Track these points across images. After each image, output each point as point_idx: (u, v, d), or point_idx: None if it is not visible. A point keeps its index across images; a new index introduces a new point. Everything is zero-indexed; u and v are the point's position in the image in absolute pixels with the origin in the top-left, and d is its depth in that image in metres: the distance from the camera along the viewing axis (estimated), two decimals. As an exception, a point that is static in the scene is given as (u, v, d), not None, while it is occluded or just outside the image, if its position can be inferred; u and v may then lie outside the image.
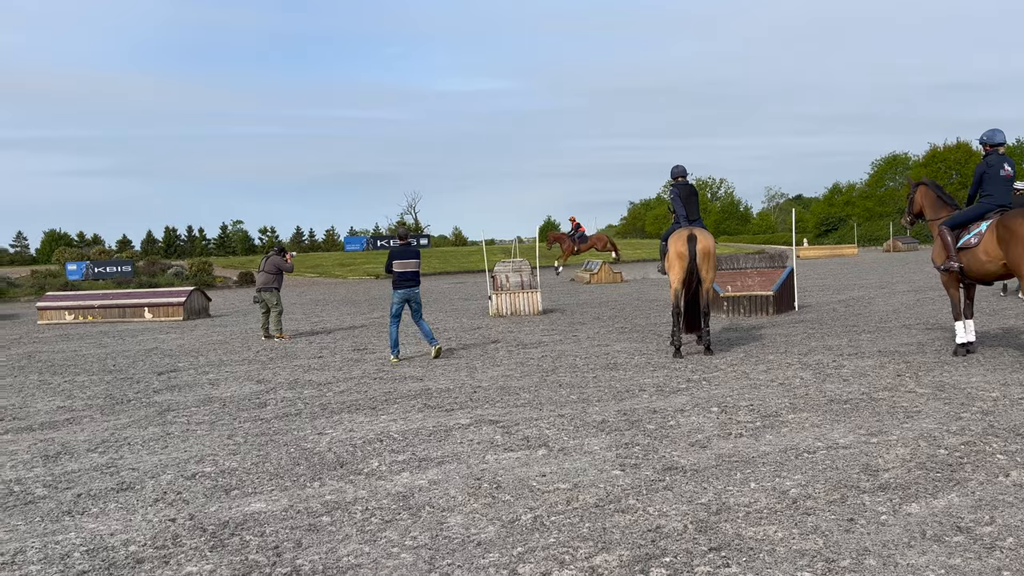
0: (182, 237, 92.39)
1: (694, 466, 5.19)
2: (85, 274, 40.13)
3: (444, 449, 5.94)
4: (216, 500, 4.94)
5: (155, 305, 20.93)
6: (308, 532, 4.28)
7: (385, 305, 22.64)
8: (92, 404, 8.60)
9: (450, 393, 8.25)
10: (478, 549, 3.93)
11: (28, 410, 8.41)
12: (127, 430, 7.16)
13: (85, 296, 22.69)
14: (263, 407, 7.98)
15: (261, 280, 14.57)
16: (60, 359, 13.00)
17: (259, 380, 9.76)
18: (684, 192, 10.53)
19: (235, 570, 3.80)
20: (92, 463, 6.00)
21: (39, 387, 10.04)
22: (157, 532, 4.39)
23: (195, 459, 5.99)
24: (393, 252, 11.11)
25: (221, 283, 40.85)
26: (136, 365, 11.77)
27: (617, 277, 29.69)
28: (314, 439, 6.46)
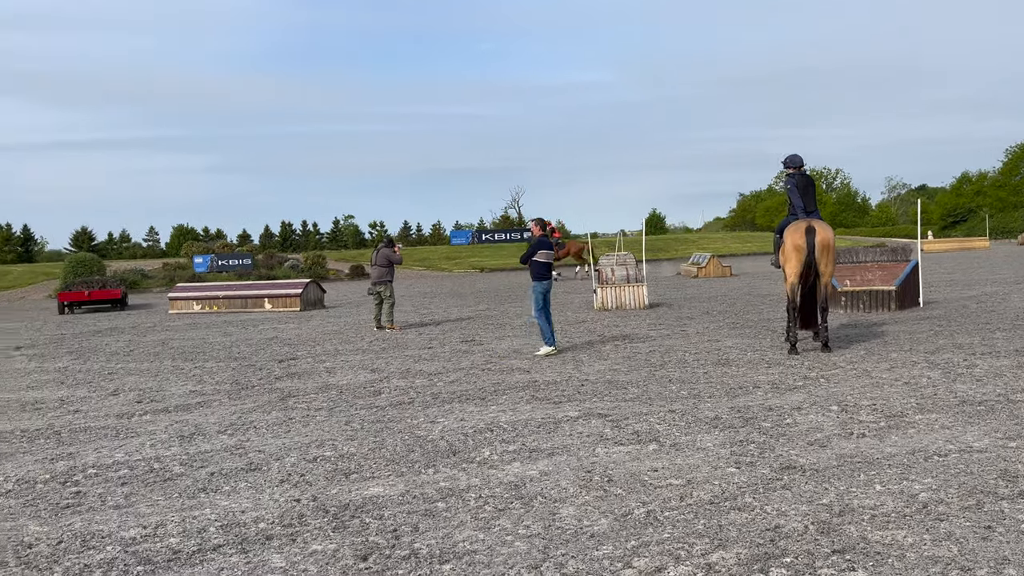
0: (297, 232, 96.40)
1: (814, 466, 5.01)
2: (210, 267, 42.52)
3: (554, 441, 5.96)
4: (337, 483, 5.14)
5: (274, 296, 21.94)
6: (424, 517, 4.40)
7: (490, 298, 22.92)
8: (220, 389, 9.11)
9: (557, 386, 8.28)
10: (591, 541, 3.93)
11: (164, 393, 8.99)
12: (253, 414, 7.55)
13: (211, 288, 24.05)
14: (377, 395, 8.23)
15: (376, 274, 15.04)
16: (190, 346, 13.83)
17: (373, 369, 10.08)
18: (801, 182, 10.15)
19: (357, 551, 3.94)
20: (222, 444, 6.36)
21: (172, 372, 10.72)
22: (284, 511, 4.61)
23: (316, 443, 6.25)
24: (542, 242, 10.94)
25: (334, 275, 42.40)
26: (258, 353, 12.38)
27: (726, 271, 28.96)
28: (427, 427, 6.62)
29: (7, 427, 7.40)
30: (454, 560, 3.77)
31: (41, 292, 39.92)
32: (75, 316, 24.25)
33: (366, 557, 3.85)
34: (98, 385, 9.79)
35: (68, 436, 6.92)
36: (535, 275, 10.89)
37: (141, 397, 8.78)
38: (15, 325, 21.42)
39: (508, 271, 44.88)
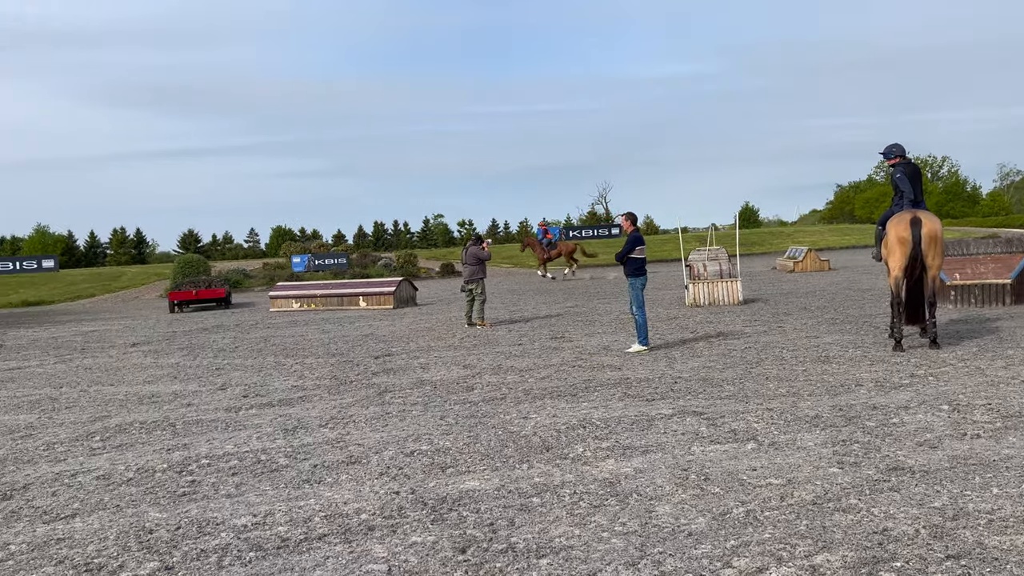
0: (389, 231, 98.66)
1: (923, 467, 4.80)
2: (307, 266, 43.99)
3: (648, 438, 5.92)
4: (434, 476, 5.25)
5: (368, 294, 22.53)
6: (520, 512, 4.44)
7: (579, 295, 22.86)
8: (320, 384, 9.44)
9: (650, 383, 8.20)
10: (689, 539, 3.88)
11: (268, 388, 9.37)
12: (351, 408, 7.79)
13: (308, 286, 24.90)
14: (470, 391, 8.35)
15: (467, 272, 15.24)
16: (290, 343, 14.36)
17: (465, 365, 10.22)
18: (909, 171, 9.71)
19: (455, 543, 4.02)
20: (324, 437, 6.59)
21: (275, 368, 11.16)
22: (384, 503, 4.75)
23: (412, 437, 6.40)
24: (637, 237, 10.88)
25: (424, 273, 43.18)
26: (355, 349, 12.75)
27: (824, 265, 27.97)
28: (520, 423, 6.68)
29: (128, 419, 7.88)
30: (551, 555, 3.80)
31: (153, 292, 42.22)
32: (184, 314, 25.55)
33: (464, 550, 3.93)
34: (207, 380, 10.30)
35: (182, 428, 7.31)
36: (632, 271, 10.80)
37: (247, 392, 9.18)
38: (131, 323, 22.73)
39: (595, 268, 44.65)
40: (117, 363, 12.72)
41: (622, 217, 11.41)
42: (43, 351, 15.35)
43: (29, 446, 6.87)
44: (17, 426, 7.82)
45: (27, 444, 6.96)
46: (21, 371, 12.32)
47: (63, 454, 6.52)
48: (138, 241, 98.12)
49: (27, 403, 9.19)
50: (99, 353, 14.38)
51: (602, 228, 67.50)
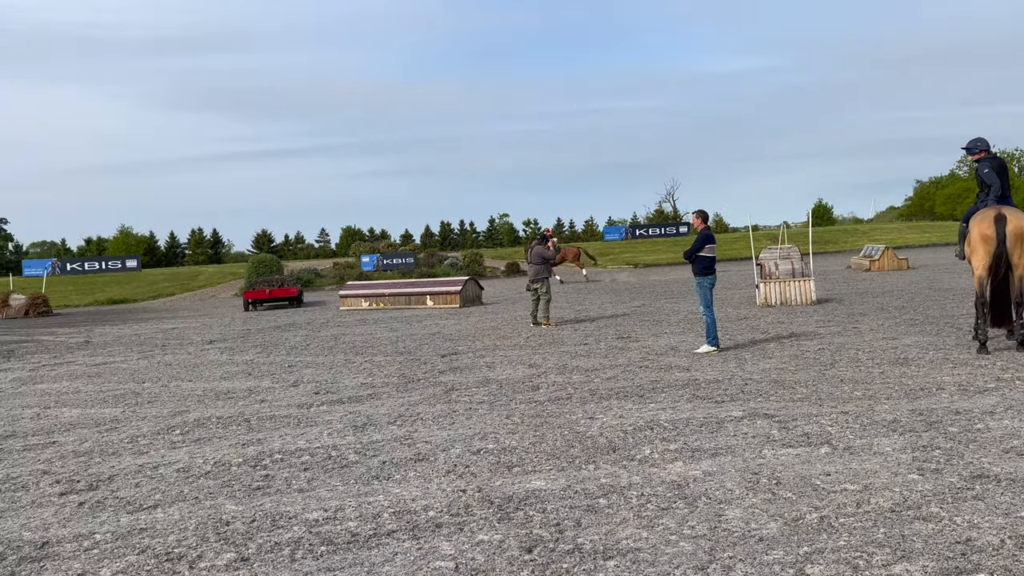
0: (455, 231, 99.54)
1: (1010, 475, 4.59)
2: (376, 265, 44.78)
3: (717, 441, 5.81)
4: (500, 475, 5.27)
5: (435, 293, 22.78)
6: (587, 512, 4.42)
7: (646, 294, 22.64)
8: (388, 382, 9.58)
9: (719, 384, 8.05)
10: (760, 545, 3.80)
11: (338, 385, 9.57)
12: (419, 406, 7.88)
13: (377, 285, 25.33)
14: (536, 390, 8.36)
15: (532, 272, 15.26)
16: (360, 341, 14.63)
17: (530, 364, 10.24)
18: (996, 165, 9.30)
19: (522, 542, 4.03)
20: (392, 435, 6.69)
21: (345, 365, 11.39)
22: (451, 500, 4.79)
23: (479, 436, 6.44)
24: (707, 235, 10.68)
25: (490, 272, 43.41)
26: (422, 348, 12.91)
27: (902, 264, 27.01)
28: (586, 423, 6.65)
29: (205, 414, 8.15)
30: (618, 557, 3.77)
31: (229, 290, 43.59)
32: (258, 312, 26.30)
33: (531, 549, 3.93)
34: (280, 377, 10.57)
35: (256, 423, 7.53)
36: (700, 270, 10.64)
37: (318, 388, 9.39)
38: (208, 321, 23.53)
39: (663, 267, 44.15)
40: (195, 360, 13.18)
41: (693, 214, 11.22)
42: (127, 347, 16.02)
43: (114, 439, 7.18)
44: (103, 419, 8.18)
45: (112, 437, 7.27)
46: (107, 366, 12.89)
47: (146, 447, 6.79)
48: (215, 241, 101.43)
49: (112, 397, 9.60)
50: (178, 350, 14.92)
51: (669, 227, 66.65)
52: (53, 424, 8.06)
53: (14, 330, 23.82)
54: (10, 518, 4.97)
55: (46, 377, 11.93)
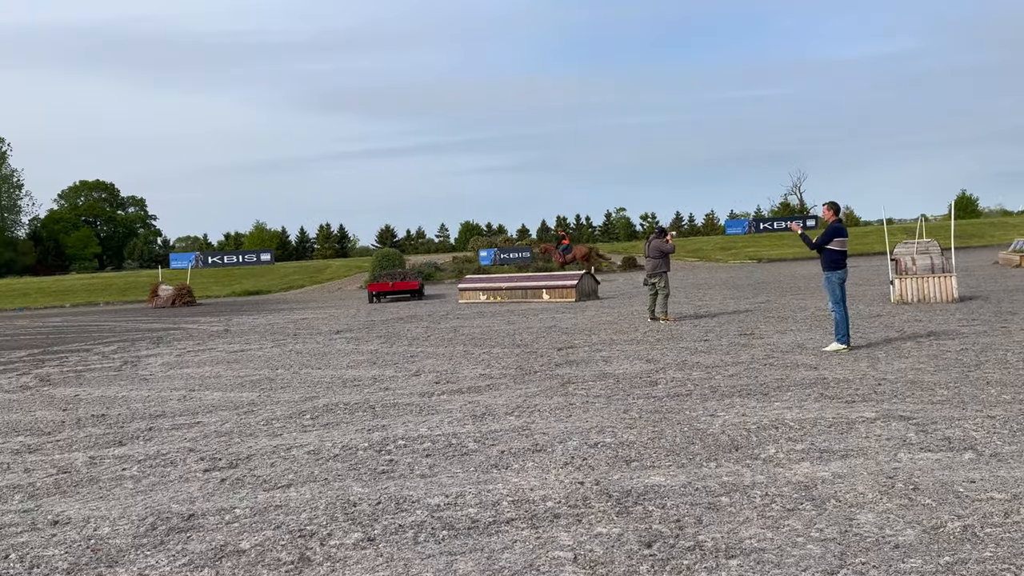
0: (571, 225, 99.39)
1: None
2: (493, 260, 45.36)
3: (847, 442, 5.55)
4: (618, 469, 5.24)
5: (551, 287, 22.85)
6: (708, 510, 4.33)
7: (770, 290, 21.86)
8: (506, 373, 9.70)
9: (849, 384, 7.68)
10: (896, 552, 3.60)
11: (457, 375, 9.77)
12: (536, 398, 7.94)
13: (495, 279, 25.67)
14: (654, 385, 8.25)
15: (650, 266, 15.05)
16: (478, 333, 14.89)
17: (648, 360, 10.10)
18: None
19: (640, 537, 3.99)
20: (510, 425, 6.77)
21: (464, 356, 11.62)
22: (569, 492, 4.80)
23: (596, 429, 6.42)
24: (838, 228, 10.19)
25: (606, 267, 43.10)
26: (539, 341, 12.99)
27: (1057, 259, 24.85)
28: (706, 420, 6.50)
29: (333, 400, 8.52)
30: (741, 556, 3.67)
31: (354, 283, 45.33)
32: (382, 304, 27.22)
33: (650, 544, 3.89)
34: (403, 367, 10.90)
35: (381, 410, 7.80)
36: (829, 264, 10.17)
37: (439, 378, 9.62)
38: (335, 312, 24.56)
39: (789, 261, 42.49)
40: (324, 348, 13.79)
41: (824, 206, 10.69)
42: (261, 336, 16.96)
43: (251, 421, 7.62)
44: (241, 403, 8.69)
45: (249, 419, 7.72)
46: (244, 353, 13.69)
47: (279, 429, 7.17)
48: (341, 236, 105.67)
49: (249, 382, 10.19)
50: (308, 339, 15.66)
51: (796, 219, 64.05)
52: (197, 406, 8.64)
53: (163, 318, 25.70)
54: (160, 491, 5.37)
55: (190, 362, 12.80)
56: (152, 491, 5.37)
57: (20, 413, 8.77)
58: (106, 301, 42.20)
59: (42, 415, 8.57)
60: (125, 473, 5.88)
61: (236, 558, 4.03)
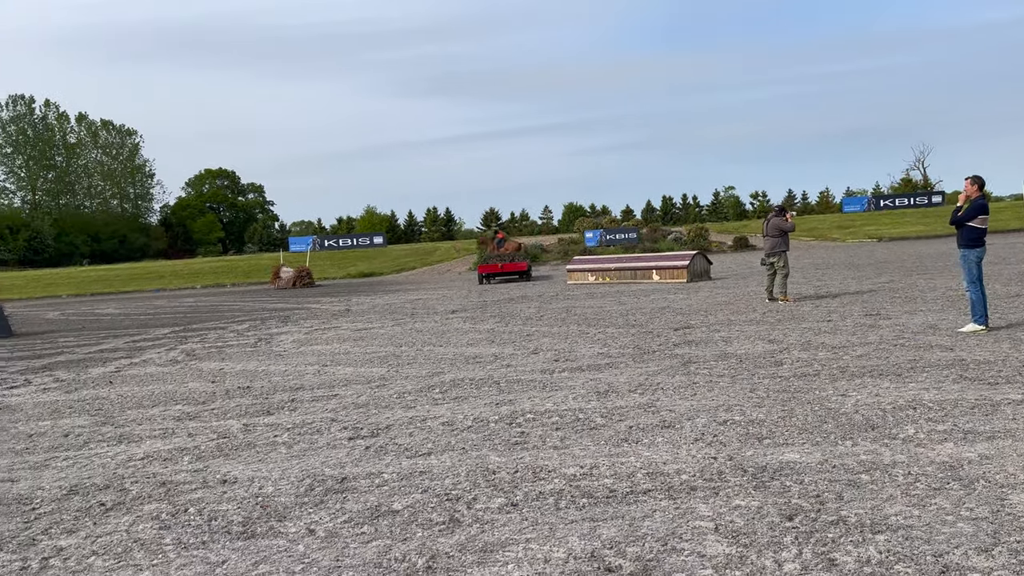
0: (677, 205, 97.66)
1: None
2: (599, 241, 45.22)
3: (993, 424, 5.37)
4: (750, 446, 5.26)
5: (662, 268, 22.65)
6: (848, 487, 4.32)
7: (894, 269, 20.93)
8: (624, 353, 9.78)
9: (991, 365, 7.36)
10: (1054, 534, 3.51)
11: (575, 354, 9.93)
12: (657, 377, 8.00)
13: (603, 260, 25.65)
14: (779, 365, 8.14)
15: (769, 245, 14.72)
16: (590, 313, 14.99)
17: (770, 340, 9.95)
18: None
19: (781, 510, 4.04)
20: (635, 402, 6.87)
21: (579, 336, 11.76)
22: (702, 466, 4.88)
23: (723, 408, 6.43)
24: (982, 204, 9.76)
25: (716, 247, 42.21)
26: (653, 321, 12.97)
27: None
28: (838, 400, 6.40)
29: (458, 376, 8.84)
30: (888, 532, 3.66)
31: (462, 265, 46.21)
32: (491, 286, 27.69)
33: (792, 517, 3.93)
34: (520, 345, 11.15)
35: (505, 386, 8.05)
36: (967, 242, 9.70)
37: (557, 357, 9.80)
38: (447, 293, 25.19)
39: (912, 240, 40.38)
40: (441, 327, 14.24)
41: (967, 180, 10.10)
42: (381, 315, 17.63)
43: (385, 394, 8.03)
44: (372, 377, 9.15)
45: (383, 392, 8.13)
46: (368, 331, 14.30)
47: (412, 402, 7.53)
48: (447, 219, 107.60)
49: (376, 358, 10.68)
50: (426, 318, 16.18)
51: (919, 196, 60.68)
52: (332, 380, 9.15)
53: (287, 299, 27.06)
54: (311, 456, 5.78)
55: (318, 340, 13.49)
56: (304, 456, 5.78)
57: (175, 384, 9.54)
58: (232, 283, 44.71)
59: (194, 386, 9.29)
60: (277, 440, 6.35)
61: (391, 517, 4.34)
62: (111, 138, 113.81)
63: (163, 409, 7.95)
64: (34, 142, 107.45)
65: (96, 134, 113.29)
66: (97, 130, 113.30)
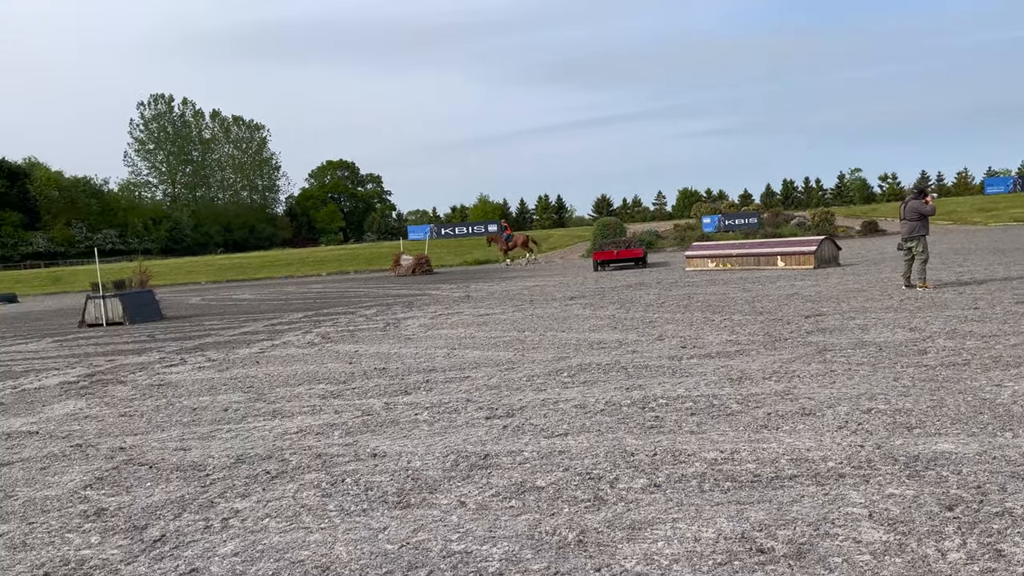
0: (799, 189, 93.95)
1: None
2: (717, 226, 44.20)
3: None
4: (899, 435, 5.10)
5: (787, 254, 21.94)
6: (1012, 479, 4.13)
7: (1046, 254, 19.47)
8: (754, 340, 9.60)
9: None
10: None
11: (702, 341, 9.82)
12: (792, 364, 7.82)
13: (723, 246, 25.09)
14: (923, 354, 7.79)
15: (907, 229, 14.02)
16: (714, 300, 14.74)
17: (911, 328, 9.52)
18: None
19: (939, 500, 3.91)
20: (771, 389, 6.76)
21: (704, 323, 11.60)
22: (849, 454, 4.77)
23: (865, 396, 6.24)
24: None
25: (843, 232, 40.41)
26: (781, 308, 12.63)
27: None
28: (992, 390, 6.09)
29: (584, 361, 8.93)
30: (1061, 526, 3.50)
31: (574, 253, 46.24)
32: (606, 272, 27.62)
33: (951, 507, 3.81)
34: (644, 331, 11.13)
35: (633, 371, 8.08)
36: None
37: (684, 343, 9.73)
38: (563, 279, 25.32)
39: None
40: (562, 313, 14.37)
41: None
42: (500, 301, 17.95)
43: (514, 377, 8.22)
44: (500, 361, 9.37)
45: (512, 375, 8.33)
46: (489, 317, 14.62)
47: (542, 385, 7.68)
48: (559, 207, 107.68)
49: (502, 343, 10.92)
50: (545, 304, 16.36)
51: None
52: (462, 362, 9.44)
53: (408, 285, 27.94)
54: (452, 434, 6.02)
55: (443, 324, 13.90)
56: (445, 433, 6.03)
57: (315, 365, 10.09)
58: (355, 270, 46.49)
59: (333, 367, 9.80)
60: (418, 418, 6.64)
61: (537, 493, 4.49)
62: (241, 133, 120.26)
63: (308, 387, 8.44)
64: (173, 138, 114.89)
65: (228, 129, 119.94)
66: (229, 125, 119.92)
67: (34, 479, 5.53)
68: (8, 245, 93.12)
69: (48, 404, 8.55)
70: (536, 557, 3.61)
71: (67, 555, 4.02)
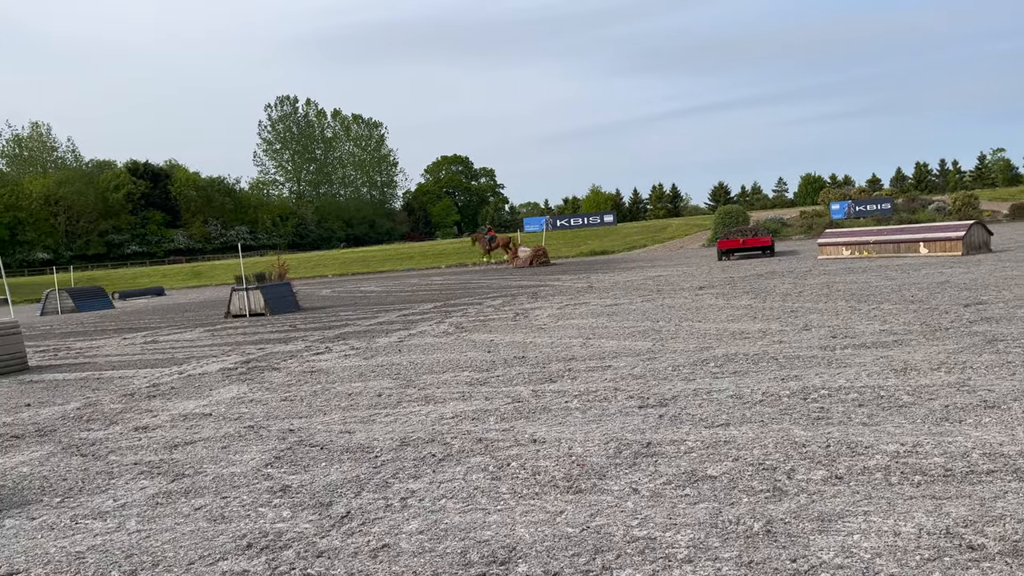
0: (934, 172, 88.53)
1: None
2: (847, 213, 42.21)
3: None
4: (1105, 431, 4.70)
5: (930, 240, 20.68)
6: None
7: None
8: (910, 330, 9.09)
9: None
10: None
11: (853, 331, 9.38)
12: (960, 355, 7.35)
13: (859, 232, 23.91)
14: (1113, 345, 7.16)
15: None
16: (855, 289, 14.07)
17: (1091, 317, 8.76)
18: None
19: None
20: (942, 380, 6.38)
21: (851, 312, 11.09)
22: (1051, 450, 4.44)
23: (1054, 389, 5.79)
24: None
25: (988, 217, 37.72)
26: (934, 297, 11.91)
27: None
28: None
29: (730, 351, 8.71)
30: None
31: (695, 242, 45.28)
32: (732, 262, 26.86)
33: None
34: (787, 321, 10.74)
35: (785, 362, 7.81)
36: None
37: (833, 333, 9.33)
38: (687, 269, 24.82)
39: None
40: (693, 303, 14.08)
41: None
42: (626, 292, 17.79)
43: (658, 366, 8.12)
44: (639, 350, 9.28)
45: (655, 365, 8.22)
46: (617, 307, 14.52)
47: (689, 375, 7.55)
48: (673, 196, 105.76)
49: (637, 332, 10.82)
50: (674, 295, 16.09)
51: None
52: (600, 352, 9.41)
53: (527, 277, 28.15)
54: (607, 422, 6.00)
55: (573, 314, 13.91)
56: (600, 421, 6.02)
57: (455, 353, 10.31)
58: (473, 262, 47.26)
59: (473, 355, 9.98)
60: (569, 405, 6.67)
61: (711, 482, 4.41)
62: (361, 131, 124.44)
63: (453, 375, 8.63)
64: (298, 138, 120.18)
65: (348, 128, 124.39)
66: (349, 124, 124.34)
67: (218, 457, 5.91)
68: (153, 242, 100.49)
69: (214, 388, 9.12)
70: (724, 546, 3.54)
71: (264, 527, 4.27)
